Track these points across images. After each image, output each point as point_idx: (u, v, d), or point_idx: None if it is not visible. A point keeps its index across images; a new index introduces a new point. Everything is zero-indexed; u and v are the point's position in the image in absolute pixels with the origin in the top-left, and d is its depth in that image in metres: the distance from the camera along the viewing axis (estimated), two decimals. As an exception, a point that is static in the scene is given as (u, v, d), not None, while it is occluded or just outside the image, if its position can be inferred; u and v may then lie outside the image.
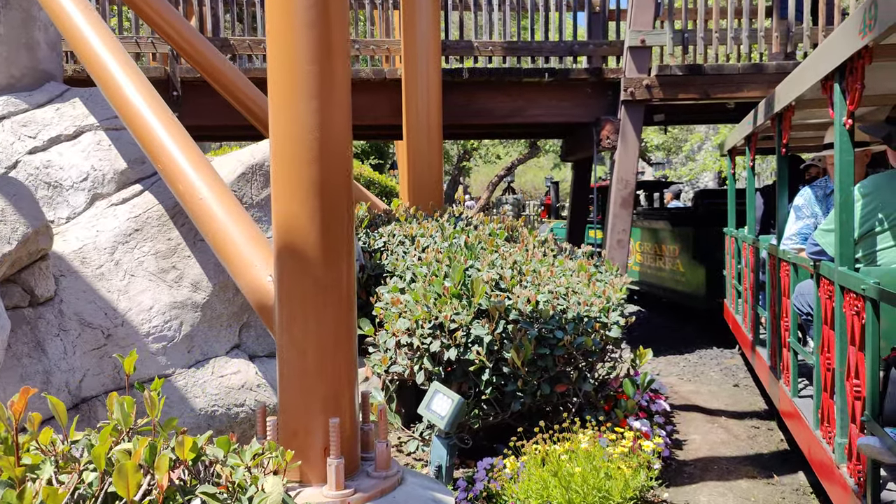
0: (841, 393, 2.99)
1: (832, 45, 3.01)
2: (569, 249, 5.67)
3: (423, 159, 6.94)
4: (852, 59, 2.77)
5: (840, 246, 2.97)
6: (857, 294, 2.75)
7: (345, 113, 3.35)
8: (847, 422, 2.97)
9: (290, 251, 3.29)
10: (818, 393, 3.47)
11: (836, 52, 2.92)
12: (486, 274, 4.29)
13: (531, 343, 3.96)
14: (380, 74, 7.35)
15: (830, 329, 3.19)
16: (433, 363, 4.18)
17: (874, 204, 3.11)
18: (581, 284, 4.58)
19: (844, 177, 2.96)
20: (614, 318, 4.36)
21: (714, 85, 7.53)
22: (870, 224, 3.14)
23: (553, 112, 7.76)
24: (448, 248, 4.71)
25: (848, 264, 2.95)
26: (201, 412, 4.12)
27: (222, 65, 6.32)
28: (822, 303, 3.35)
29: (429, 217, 5.62)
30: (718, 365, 7.33)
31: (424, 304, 4.17)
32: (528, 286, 4.36)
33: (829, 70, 3.03)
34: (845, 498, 2.92)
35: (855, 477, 2.86)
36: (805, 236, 3.94)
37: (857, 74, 2.76)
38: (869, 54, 2.65)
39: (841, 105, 2.94)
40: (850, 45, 2.72)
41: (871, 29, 2.45)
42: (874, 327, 2.59)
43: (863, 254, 3.19)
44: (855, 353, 2.82)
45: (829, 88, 3.10)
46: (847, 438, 2.98)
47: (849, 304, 2.88)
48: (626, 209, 7.66)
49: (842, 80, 2.93)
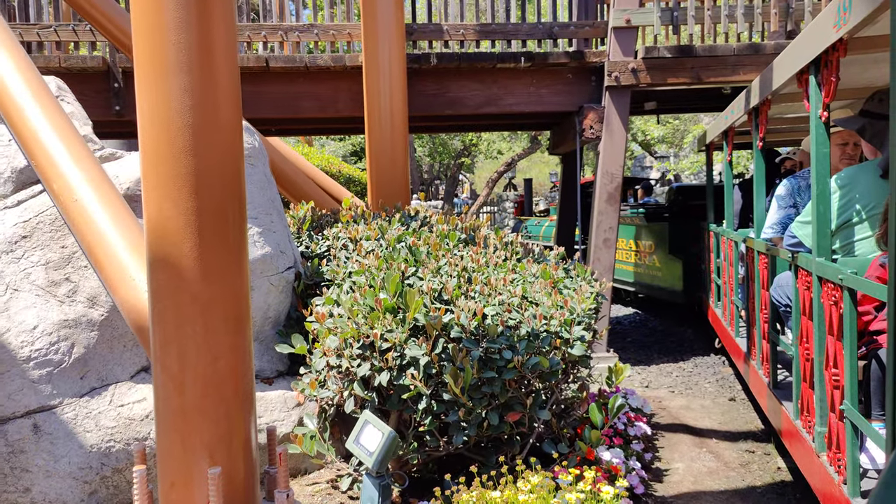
0: (820, 382, 3.03)
1: (807, 39, 3.03)
2: (538, 252, 5.04)
3: (387, 154, 6.34)
4: (827, 52, 2.79)
5: (817, 237, 3.01)
6: (834, 284, 2.78)
7: (228, 93, 2.75)
8: (826, 411, 3.00)
9: (163, 262, 2.69)
10: (797, 383, 3.48)
11: (811, 45, 2.93)
12: (426, 284, 3.68)
13: (474, 365, 3.35)
14: (339, 61, 6.74)
15: (809, 319, 3.23)
16: (364, 388, 3.58)
17: (851, 195, 3.15)
18: (542, 294, 3.96)
19: (821, 169, 2.97)
20: (578, 332, 3.74)
21: (707, 68, 6.87)
22: (847, 215, 3.17)
23: (531, 101, 7.13)
24: (389, 254, 4.10)
25: (825, 255, 2.99)
26: (93, 450, 3.53)
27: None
28: (801, 294, 3.38)
29: (380, 217, 5.02)
30: (714, 375, 6.69)
31: (353, 320, 3.56)
32: (477, 297, 3.74)
33: (805, 63, 3.06)
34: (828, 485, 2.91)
35: (835, 465, 2.88)
36: (785, 225, 3.93)
37: (832, 67, 2.78)
38: (843, 47, 2.67)
39: (816, 98, 2.97)
40: (825, 38, 2.73)
41: (846, 21, 2.47)
42: (852, 317, 2.63)
43: (840, 244, 3.23)
44: (833, 342, 2.85)
45: (805, 82, 3.13)
46: (826, 427, 3.01)
47: (826, 295, 2.92)
48: (613, 205, 7.03)
49: (817, 73, 2.95)
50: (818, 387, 3.04)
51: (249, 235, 4.16)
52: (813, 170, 3.01)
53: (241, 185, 2.83)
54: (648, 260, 9.61)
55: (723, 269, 6.16)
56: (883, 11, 2.24)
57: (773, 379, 4.12)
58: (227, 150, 2.76)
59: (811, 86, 3.02)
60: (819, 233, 3.00)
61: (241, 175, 2.84)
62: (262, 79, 6.82)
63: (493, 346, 3.44)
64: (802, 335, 3.35)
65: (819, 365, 3.02)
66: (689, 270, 8.53)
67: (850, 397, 2.66)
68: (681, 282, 8.73)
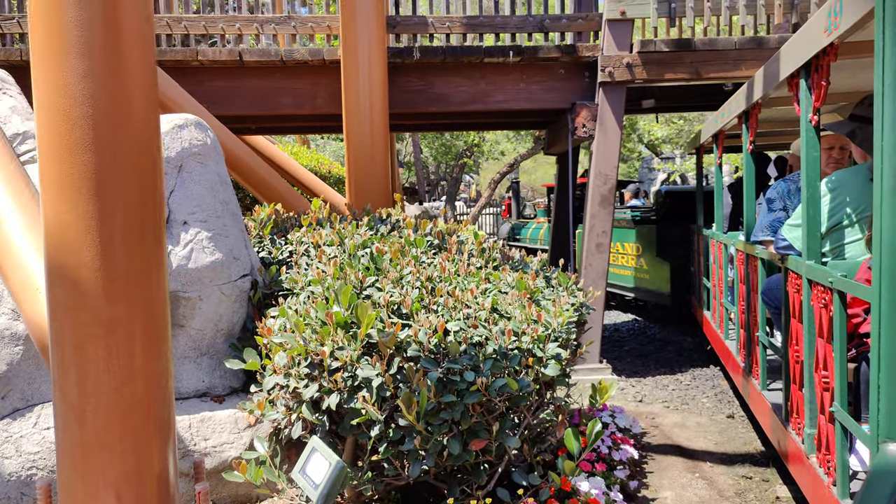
0: (810, 384, 3.03)
1: (798, 43, 3.03)
2: (519, 258, 4.67)
3: (366, 153, 5.99)
4: (818, 57, 2.80)
5: (807, 240, 3.02)
6: (824, 287, 2.78)
7: (141, 81, 2.39)
8: (816, 413, 2.98)
9: (61, 274, 2.34)
10: (787, 385, 3.48)
11: (802, 49, 2.92)
12: (384, 296, 3.32)
13: (432, 388, 2.99)
14: (317, 55, 6.39)
15: (798, 322, 3.23)
16: (313, 411, 3.22)
17: (841, 198, 3.15)
18: (515, 306, 3.59)
19: (811, 172, 2.98)
20: (553, 350, 3.37)
21: (706, 63, 6.49)
22: (837, 218, 3.17)
23: (521, 97, 6.76)
24: (349, 262, 3.74)
25: (815, 258, 3.00)
26: (11, 478, 3.19)
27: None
28: (790, 296, 3.38)
29: (346, 220, 4.66)
30: (714, 388, 6.30)
31: (300, 336, 3.21)
32: (440, 311, 3.38)
33: (796, 67, 3.06)
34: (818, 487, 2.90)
35: (824, 467, 2.87)
36: (775, 229, 3.93)
37: (822, 71, 2.78)
38: (834, 51, 2.67)
39: (807, 102, 2.97)
40: (816, 43, 2.73)
41: (836, 26, 2.48)
42: (842, 319, 2.63)
43: (830, 247, 3.24)
44: (823, 345, 2.84)
45: (796, 86, 3.14)
46: (816, 429, 2.99)
47: (816, 297, 2.91)
48: (607, 208, 6.65)
49: (808, 77, 2.96)
50: (808, 389, 3.06)
51: (197, 241, 3.82)
52: (803, 173, 3.03)
53: (157, 186, 2.47)
54: (636, 263, 9.65)
55: (712, 272, 6.17)
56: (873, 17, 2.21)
57: (763, 381, 4.15)
58: (139, 145, 2.40)
59: (802, 90, 3.05)
60: (809, 236, 3.02)
61: (158, 174, 2.48)
62: (237, 74, 6.48)
63: (456, 367, 3.08)
64: (792, 338, 3.37)
65: (809, 367, 3.03)
66: (677, 273, 8.62)
67: (839, 399, 2.67)
68: (668, 284, 8.77)
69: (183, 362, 3.86)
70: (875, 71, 2.07)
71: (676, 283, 8.61)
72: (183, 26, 6.33)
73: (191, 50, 6.22)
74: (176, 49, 6.24)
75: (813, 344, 2.97)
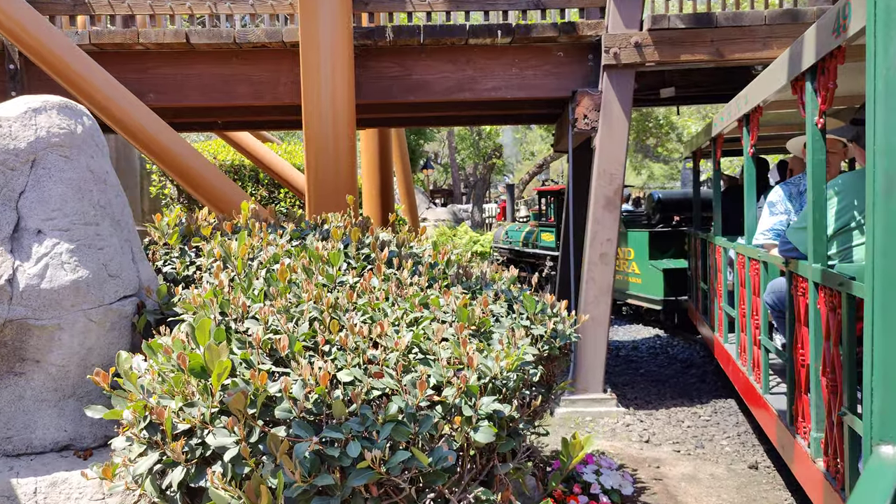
0: (816, 388, 2.98)
1: (803, 46, 2.99)
2: (483, 275, 3.78)
3: (328, 153, 5.17)
4: (824, 60, 2.77)
5: (814, 243, 2.98)
6: (832, 290, 2.75)
7: None
8: (822, 416, 2.95)
9: None
10: (791, 389, 3.46)
11: (808, 52, 2.90)
12: (258, 331, 2.48)
13: (299, 464, 2.14)
14: (275, 37, 5.59)
15: (804, 325, 3.19)
16: (157, 490, 2.39)
17: (847, 201, 3.12)
18: (448, 343, 2.71)
19: (817, 175, 2.96)
20: (488, 406, 2.48)
21: (730, 41, 5.52)
22: (844, 220, 3.14)
23: (513, 84, 5.87)
24: (238, 283, 2.91)
25: (821, 261, 2.96)
26: None
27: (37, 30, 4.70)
28: (795, 300, 3.35)
29: (275, 228, 3.84)
30: (736, 427, 5.32)
31: (137, 386, 2.39)
32: (335, 352, 2.52)
33: (801, 70, 3.03)
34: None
35: (831, 470, 2.83)
36: (778, 232, 3.93)
37: (829, 74, 2.76)
38: (842, 54, 2.64)
39: (813, 105, 2.95)
40: (824, 45, 2.72)
41: (846, 29, 2.46)
42: (851, 322, 2.61)
43: (837, 250, 3.19)
44: (830, 348, 2.79)
45: (800, 88, 3.12)
46: (822, 433, 2.94)
47: (824, 300, 2.86)
48: (612, 212, 5.72)
49: (814, 79, 2.93)
50: (814, 392, 3.01)
51: (55, 254, 3.03)
52: (809, 176, 2.99)
53: None
54: (628, 267, 9.60)
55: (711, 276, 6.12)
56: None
57: (766, 384, 4.06)
58: None
59: (807, 93, 3.00)
60: (816, 239, 2.98)
61: None
62: (187, 59, 5.73)
63: (338, 435, 2.22)
64: (797, 341, 3.33)
65: (815, 371, 2.98)
66: (670, 278, 8.73)
67: (848, 403, 2.62)
68: (661, 289, 8.85)
69: (38, 407, 3.08)
70: (867, 75, 2.10)
71: (669, 287, 8.75)
72: (126, 5, 5.60)
73: (131, 31, 5.48)
74: (114, 31, 5.51)
75: (819, 347, 2.91)
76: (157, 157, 4.82)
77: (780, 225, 3.97)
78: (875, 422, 2.12)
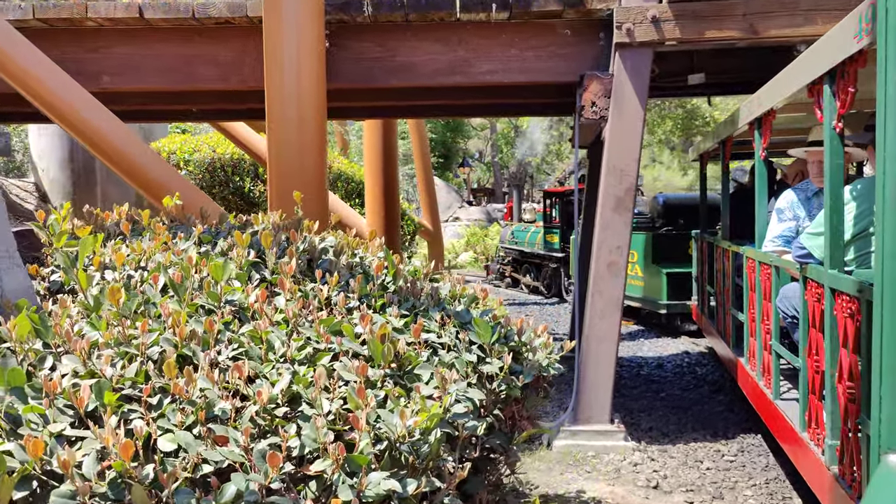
0: (832, 395, 2.92)
1: (821, 49, 2.96)
2: (446, 291, 3.06)
3: (292, 144, 4.52)
4: (844, 64, 2.72)
5: (830, 249, 2.92)
6: (850, 296, 2.70)
7: None
8: (838, 423, 2.88)
9: None
10: (804, 395, 3.38)
11: (827, 55, 2.85)
12: (58, 374, 1.80)
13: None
14: (239, 11, 4.94)
15: (819, 332, 3.12)
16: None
17: (866, 206, 3.05)
18: (348, 389, 2.00)
19: (834, 180, 2.90)
20: (378, 484, 1.76)
21: (766, 15, 4.69)
22: (862, 225, 3.08)
23: (512, 67, 5.12)
24: (87, 304, 2.25)
25: (838, 267, 2.90)
26: None
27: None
28: (810, 305, 3.27)
29: (186, 229, 3.18)
30: (765, 472, 4.49)
31: None
32: (165, 405, 1.83)
33: (820, 74, 2.97)
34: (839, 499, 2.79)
35: (847, 479, 2.76)
36: (787, 238, 3.92)
37: (849, 78, 2.71)
38: (864, 58, 2.61)
39: (831, 109, 2.89)
40: (844, 49, 2.66)
41: (868, 32, 2.41)
42: (870, 329, 2.43)
43: (855, 255, 3.13)
44: (847, 355, 2.74)
45: (818, 92, 3.06)
46: (838, 440, 2.89)
47: (840, 307, 2.81)
48: (623, 214, 4.94)
49: (832, 83, 2.87)
50: (829, 399, 2.92)
51: None
52: (826, 181, 2.91)
53: None
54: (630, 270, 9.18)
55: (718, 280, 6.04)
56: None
57: (776, 390, 3.99)
58: None
59: (825, 96, 2.93)
60: (832, 244, 2.90)
61: None
62: (143, 37, 5.13)
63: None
64: (812, 347, 3.24)
65: (831, 378, 2.90)
66: (672, 282, 8.68)
67: (866, 410, 2.50)
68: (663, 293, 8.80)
69: None
70: (878, 81, 2.10)
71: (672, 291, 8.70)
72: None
73: (79, 5, 4.89)
74: (61, 5, 4.93)
75: (836, 354, 2.86)
76: (84, 137, 4.23)
77: (789, 231, 3.96)
78: (883, 430, 2.13)
